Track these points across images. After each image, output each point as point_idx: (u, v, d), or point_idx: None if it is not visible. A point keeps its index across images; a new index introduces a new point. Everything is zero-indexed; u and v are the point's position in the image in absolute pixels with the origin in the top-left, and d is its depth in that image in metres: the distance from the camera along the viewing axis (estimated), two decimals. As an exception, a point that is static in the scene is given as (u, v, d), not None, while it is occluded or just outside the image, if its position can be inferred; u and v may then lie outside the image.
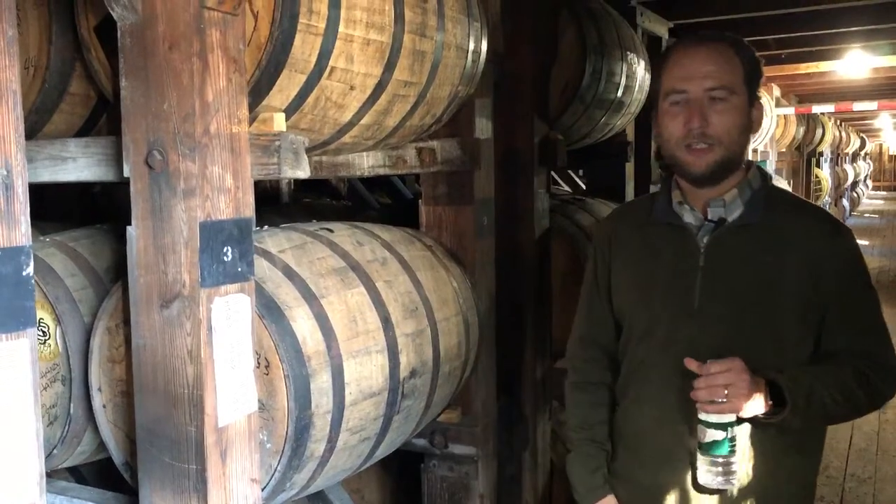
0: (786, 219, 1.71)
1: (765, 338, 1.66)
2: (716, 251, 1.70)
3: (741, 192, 1.72)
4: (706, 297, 1.69)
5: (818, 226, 1.71)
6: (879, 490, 4.40)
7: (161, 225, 1.41)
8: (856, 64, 7.88)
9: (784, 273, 1.66)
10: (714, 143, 1.66)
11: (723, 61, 1.67)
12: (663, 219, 1.78)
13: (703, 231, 1.72)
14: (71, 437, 1.79)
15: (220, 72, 1.40)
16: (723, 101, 1.65)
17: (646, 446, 1.79)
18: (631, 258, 1.84)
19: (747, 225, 1.70)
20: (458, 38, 2.03)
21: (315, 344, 1.62)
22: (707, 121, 1.65)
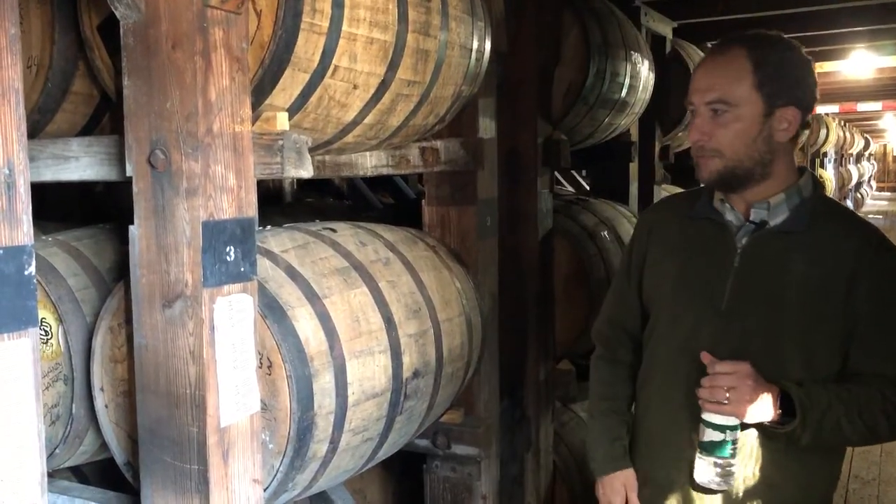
0: (830, 230, 1.67)
1: (791, 348, 1.64)
2: (752, 254, 1.68)
3: (788, 198, 1.68)
4: (735, 299, 1.68)
5: (863, 241, 1.66)
6: (883, 492, 4.39)
7: (163, 224, 1.40)
8: (860, 64, 7.86)
9: (821, 285, 1.62)
10: (714, 154, 1.67)
11: (727, 71, 1.64)
12: (705, 214, 1.78)
13: (742, 232, 1.71)
14: (73, 436, 1.79)
15: (223, 71, 1.40)
16: (723, 113, 1.64)
17: (661, 442, 1.80)
18: (667, 249, 1.83)
19: (789, 232, 1.67)
20: (462, 37, 2.02)
21: (318, 344, 1.61)
22: (705, 133, 1.67)
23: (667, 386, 1.77)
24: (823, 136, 14.02)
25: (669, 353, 1.77)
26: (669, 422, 1.76)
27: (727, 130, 1.65)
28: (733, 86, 1.63)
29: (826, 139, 14.37)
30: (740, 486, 1.70)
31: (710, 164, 1.67)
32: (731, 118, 1.64)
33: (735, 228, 1.72)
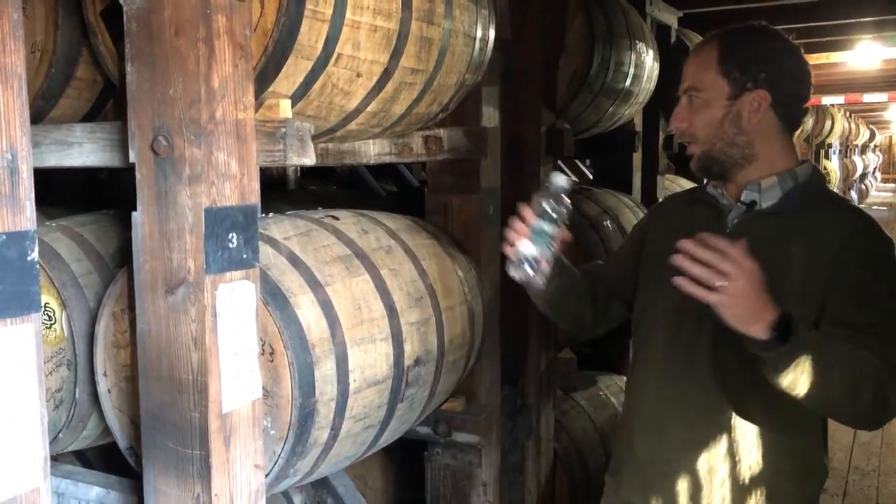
0: (819, 213, 1.69)
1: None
2: (742, 233, 1.70)
3: (782, 182, 1.72)
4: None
5: (850, 225, 1.68)
6: (883, 483, 4.40)
7: (166, 211, 1.40)
8: (867, 55, 7.82)
9: (806, 265, 1.65)
10: (691, 139, 1.78)
11: (697, 59, 1.77)
12: (703, 198, 1.87)
13: (733, 213, 1.78)
14: (76, 420, 1.80)
15: (226, 57, 1.40)
16: (695, 99, 1.76)
17: (643, 417, 1.82)
18: (666, 230, 1.90)
19: (778, 213, 1.71)
20: (466, 25, 2.02)
21: (319, 331, 1.62)
22: (682, 120, 1.78)
23: (655, 358, 1.82)
24: (828, 127, 13.97)
25: (660, 327, 1.83)
26: (656, 396, 1.81)
27: (698, 116, 1.75)
28: (700, 73, 1.74)
29: (831, 130, 14.32)
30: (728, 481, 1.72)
31: (691, 150, 1.78)
32: (700, 104, 1.74)
33: (727, 210, 1.78)
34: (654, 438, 1.81)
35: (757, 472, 1.72)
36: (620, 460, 1.93)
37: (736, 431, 1.71)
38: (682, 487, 1.77)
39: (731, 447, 1.72)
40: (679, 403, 1.77)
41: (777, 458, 1.71)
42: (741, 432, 1.71)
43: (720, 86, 1.71)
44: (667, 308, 1.80)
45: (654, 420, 1.82)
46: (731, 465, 1.73)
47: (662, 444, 1.79)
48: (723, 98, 1.71)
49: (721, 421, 1.72)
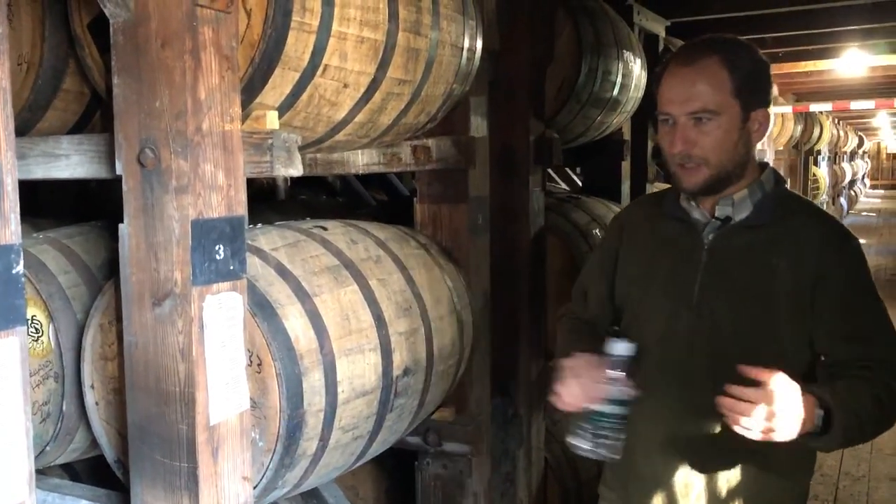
0: (793, 223, 1.71)
1: (760, 337, 1.67)
2: (718, 249, 1.72)
3: (751, 193, 1.72)
4: (705, 293, 1.71)
5: (824, 232, 1.70)
6: (873, 489, 4.41)
7: (153, 223, 1.40)
8: (853, 62, 7.88)
9: (785, 276, 1.66)
10: (700, 162, 1.68)
11: (706, 80, 1.66)
12: (672, 213, 1.82)
13: (708, 228, 1.75)
14: (63, 433, 1.79)
15: (212, 69, 1.40)
16: (707, 121, 1.66)
17: (641, 437, 1.80)
18: (638, 248, 1.86)
19: (754, 226, 1.71)
20: (453, 36, 2.03)
21: (307, 342, 1.62)
22: (691, 142, 1.67)
23: (645, 381, 1.76)
24: (817, 134, 14.04)
25: (647, 349, 1.77)
26: (649, 417, 1.77)
27: (711, 138, 1.66)
28: (715, 94, 1.65)
29: (820, 137, 14.39)
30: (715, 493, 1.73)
31: (697, 173, 1.68)
32: (713, 126, 1.66)
33: (701, 226, 1.75)
34: (658, 458, 1.79)
35: (752, 475, 1.73)
36: (623, 476, 1.89)
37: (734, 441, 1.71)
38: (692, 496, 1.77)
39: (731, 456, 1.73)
40: (678, 421, 1.74)
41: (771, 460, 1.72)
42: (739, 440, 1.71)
43: (734, 108, 1.66)
44: (654, 330, 1.77)
45: (656, 440, 1.78)
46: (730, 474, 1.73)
47: (668, 463, 1.77)
48: (737, 120, 1.67)
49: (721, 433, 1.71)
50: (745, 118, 1.68)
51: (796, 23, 5.69)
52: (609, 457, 1.64)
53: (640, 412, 1.80)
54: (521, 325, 2.88)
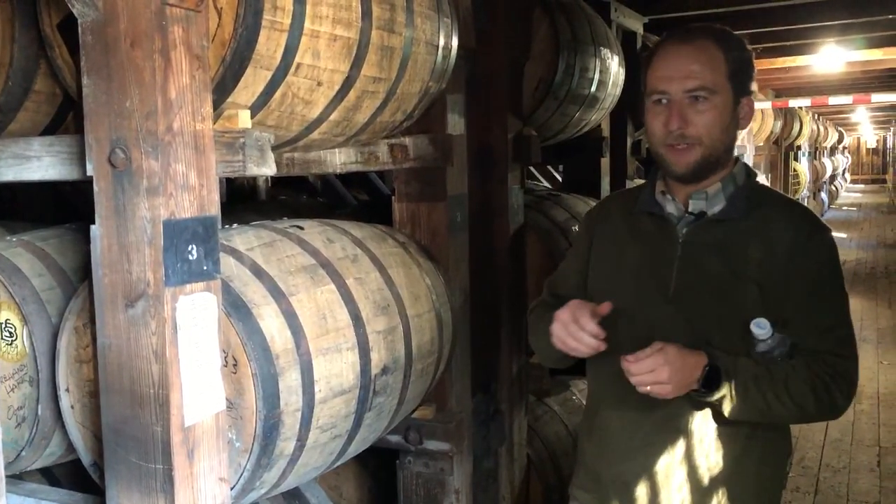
0: (766, 214, 1.72)
1: (736, 329, 1.68)
2: (693, 242, 1.73)
3: (724, 187, 1.74)
4: (681, 286, 1.72)
5: (796, 223, 1.72)
6: (853, 480, 4.45)
7: (124, 224, 1.39)
8: (830, 58, 7.94)
9: (759, 267, 1.68)
10: (694, 142, 1.68)
11: (705, 60, 1.67)
12: (646, 208, 1.82)
13: (682, 222, 1.75)
14: (39, 438, 1.77)
15: (183, 69, 1.39)
16: (704, 100, 1.67)
17: (618, 433, 1.80)
18: (613, 243, 1.86)
19: (727, 219, 1.72)
20: (428, 33, 2.03)
21: (283, 342, 1.61)
22: (687, 121, 1.67)
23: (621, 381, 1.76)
24: (797, 129, 14.14)
25: (625, 343, 1.76)
26: (628, 411, 1.78)
27: (706, 118, 1.67)
28: (713, 74, 1.67)
29: (800, 133, 14.50)
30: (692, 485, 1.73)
31: (691, 153, 1.68)
32: (710, 106, 1.67)
33: (676, 220, 1.76)
34: (637, 452, 1.78)
35: (728, 463, 1.74)
36: (596, 477, 1.89)
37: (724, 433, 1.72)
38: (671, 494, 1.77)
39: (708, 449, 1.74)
40: (656, 414, 1.74)
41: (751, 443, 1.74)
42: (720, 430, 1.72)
43: (728, 90, 1.68)
44: (631, 324, 1.77)
45: (634, 435, 1.79)
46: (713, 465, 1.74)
47: (649, 459, 1.77)
48: (730, 103, 1.68)
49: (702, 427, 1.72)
50: (735, 102, 1.70)
51: (774, 18, 5.73)
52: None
53: (616, 407, 1.81)
54: (502, 322, 2.89)
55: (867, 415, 5.53)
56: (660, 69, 1.71)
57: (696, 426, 1.73)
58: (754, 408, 1.63)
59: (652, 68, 1.73)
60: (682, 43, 1.72)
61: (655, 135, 1.72)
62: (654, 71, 1.72)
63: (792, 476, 4.52)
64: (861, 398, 5.87)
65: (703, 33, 1.71)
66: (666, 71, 1.69)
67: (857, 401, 5.79)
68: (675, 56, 1.70)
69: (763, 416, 1.66)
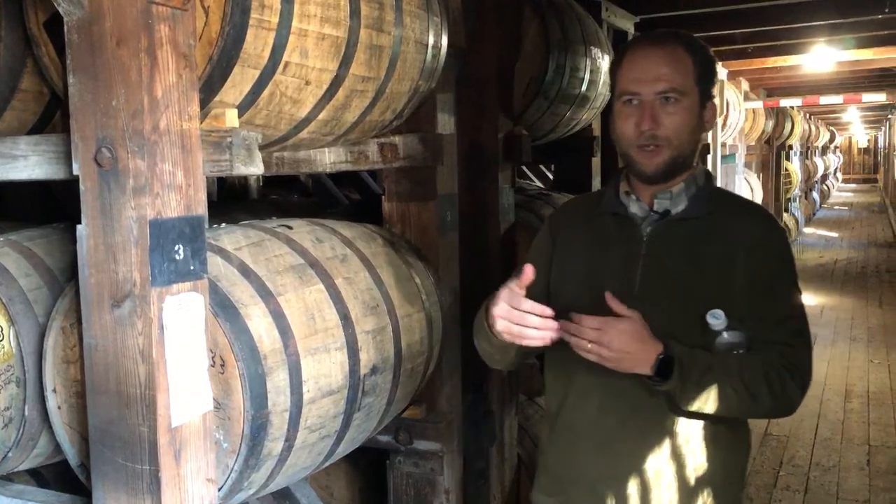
0: (726, 214, 1.77)
1: (697, 325, 1.69)
2: (658, 240, 1.75)
3: (687, 187, 1.77)
4: (646, 284, 1.73)
5: (755, 222, 1.78)
6: (843, 479, 4.47)
7: (111, 223, 1.39)
8: (821, 58, 7.97)
9: (721, 264, 1.71)
10: (664, 143, 1.71)
11: (674, 63, 1.71)
12: (610, 209, 1.84)
13: (647, 221, 1.77)
14: (26, 439, 1.76)
15: (169, 67, 1.39)
16: (674, 102, 1.70)
17: (584, 434, 1.79)
18: (576, 244, 1.87)
19: (690, 218, 1.75)
20: (417, 32, 2.02)
21: (271, 342, 1.61)
22: (657, 122, 1.70)
23: (588, 377, 1.76)
24: (789, 129, 14.18)
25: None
26: (597, 412, 1.77)
27: (676, 119, 1.70)
28: (682, 77, 1.71)
29: (791, 132, 14.54)
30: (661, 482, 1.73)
31: (658, 156, 1.72)
32: (680, 108, 1.70)
33: (640, 220, 1.78)
34: (604, 452, 1.77)
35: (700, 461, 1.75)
36: (560, 479, 1.87)
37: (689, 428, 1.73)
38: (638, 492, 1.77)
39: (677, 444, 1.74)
40: (623, 414, 1.74)
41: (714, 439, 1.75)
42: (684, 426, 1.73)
43: (695, 93, 1.72)
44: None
45: (599, 435, 1.77)
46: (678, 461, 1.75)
47: (614, 458, 1.76)
48: (697, 105, 1.73)
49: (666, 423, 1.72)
50: (702, 105, 1.74)
51: (764, 18, 5.75)
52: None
53: (579, 407, 1.79)
54: (493, 321, 2.88)
55: (857, 413, 5.55)
56: (631, 71, 1.74)
57: (662, 422, 1.73)
58: (709, 399, 1.64)
59: (622, 70, 1.76)
60: (652, 46, 1.76)
61: (625, 136, 1.75)
62: (624, 73, 1.75)
63: (782, 474, 4.54)
64: (851, 397, 5.89)
65: (672, 37, 1.75)
66: (637, 73, 1.72)
67: (847, 399, 5.82)
68: (645, 58, 1.73)
69: (718, 407, 1.66)
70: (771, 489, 4.35)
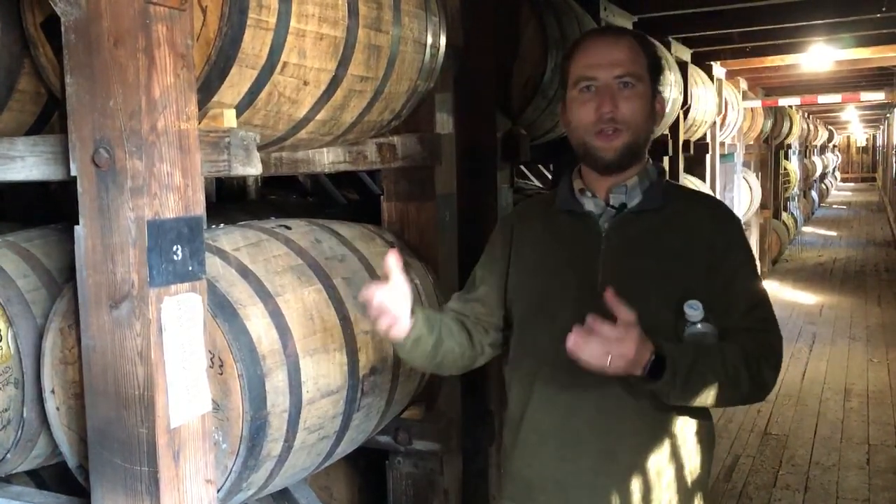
0: (682, 206, 1.78)
1: (663, 316, 1.68)
2: (616, 235, 1.75)
3: (641, 181, 1.77)
4: (607, 279, 1.71)
5: (711, 212, 1.80)
6: (843, 478, 4.46)
7: (109, 224, 1.38)
8: (819, 57, 7.97)
9: (681, 255, 1.71)
10: (623, 127, 1.72)
11: (628, 51, 1.74)
12: (566, 206, 1.82)
13: (604, 216, 1.77)
14: (25, 440, 1.76)
15: (167, 68, 1.38)
16: (631, 87, 1.72)
17: (548, 435, 1.78)
18: (534, 245, 1.85)
19: (646, 210, 1.76)
20: (416, 32, 2.02)
21: (270, 342, 1.61)
22: (616, 106, 1.71)
23: (552, 377, 1.73)
24: (787, 128, 14.18)
25: (553, 343, 1.69)
26: (562, 412, 1.74)
27: (634, 104, 1.72)
28: (636, 64, 1.73)
29: (790, 131, 14.54)
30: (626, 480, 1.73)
31: (619, 138, 1.72)
32: (636, 93, 1.72)
33: (596, 216, 1.78)
34: (571, 453, 1.74)
35: (668, 457, 1.74)
36: (527, 483, 1.83)
37: (655, 425, 1.72)
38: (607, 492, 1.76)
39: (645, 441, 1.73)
40: (589, 412, 1.73)
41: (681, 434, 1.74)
42: (652, 424, 1.72)
43: (648, 82, 1.75)
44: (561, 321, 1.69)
45: (564, 435, 1.75)
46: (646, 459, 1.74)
47: (582, 458, 1.73)
48: (650, 93, 1.75)
49: (634, 422, 1.72)
50: (652, 94, 1.76)
51: (762, 17, 5.74)
52: None
53: (544, 409, 1.77)
54: (492, 321, 2.88)
55: (857, 412, 5.55)
56: (586, 58, 1.76)
57: (629, 420, 1.72)
58: (694, 391, 1.64)
59: (576, 59, 1.78)
60: (604, 35, 1.83)
61: (583, 123, 1.74)
62: (579, 61, 1.77)
63: (782, 474, 4.54)
64: (851, 396, 5.89)
65: (622, 31, 1.84)
66: (594, 59, 1.74)
67: (846, 398, 5.82)
68: (601, 45, 1.77)
69: (702, 398, 1.66)
70: (770, 488, 4.34)
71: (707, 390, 1.64)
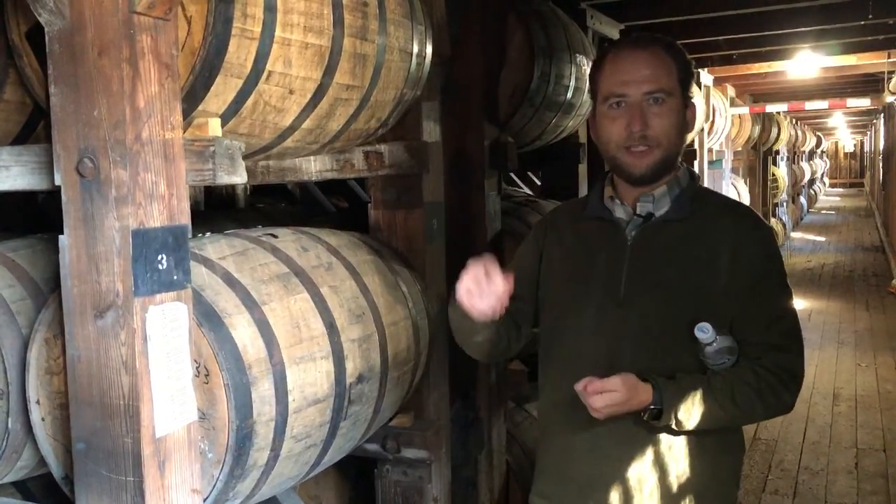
0: (710, 215, 1.77)
1: (684, 328, 1.69)
2: (642, 244, 1.76)
3: (670, 189, 1.78)
4: (631, 288, 1.74)
5: (740, 221, 1.78)
6: (832, 482, 4.48)
7: (93, 234, 1.38)
8: (806, 64, 8.03)
9: (705, 265, 1.71)
10: (653, 144, 1.72)
11: (659, 64, 1.72)
12: (595, 213, 1.84)
13: (631, 225, 1.78)
14: (10, 452, 1.75)
15: (151, 77, 1.38)
16: (662, 103, 1.71)
17: (572, 437, 1.79)
18: (563, 250, 1.88)
19: (673, 220, 1.76)
20: (402, 41, 2.03)
21: (256, 351, 1.60)
22: (647, 123, 1.70)
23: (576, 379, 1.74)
24: (775, 134, 14.25)
25: (576, 347, 1.79)
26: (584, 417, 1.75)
27: (665, 120, 1.72)
28: (668, 77, 1.72)
29: (778, 137, 14.62)
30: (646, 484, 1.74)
31: (648, 157, 1.72)
32: (667, 108, 1.72)
33: (624, 223, 1.79)
34: (590, 456, 1.78)
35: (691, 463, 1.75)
36: (553, 482, 1.88)
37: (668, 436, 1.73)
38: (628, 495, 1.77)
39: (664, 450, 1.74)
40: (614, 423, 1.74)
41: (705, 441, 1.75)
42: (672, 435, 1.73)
43: (679, 94, 1.73)
44: (583, 327, 1.78)
45: (587, 438, 1.78)
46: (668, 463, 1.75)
47: (602, 461, 1.77)
48: (681, 106, 1.74)
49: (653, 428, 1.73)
50: (684, 106, 1.76)
51: (749, 24, 5.78)
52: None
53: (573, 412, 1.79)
54: (480, 328, 2.88)
55: (845, 417, 5.58)
56: (616, 73, 1.74)
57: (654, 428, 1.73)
58: (702, 422, 1.67)
59: (605, 73, 1.76)
60: (634, 48, 1.77)
61: (613, 138, 1.75)
62: (608, 76, 1.76)
63: (771, 479, 4.55)
64: (839, 400, 5.92)
65: (652, 40, 1.77)
66: (624, 75, 1.73)
67: (835, 403, 5.85)
68: (631, 60, 1.74)
69: (712, 426, 1.70)
70: (760, 493, 4.36)
71: (714, 422, 1.68)
